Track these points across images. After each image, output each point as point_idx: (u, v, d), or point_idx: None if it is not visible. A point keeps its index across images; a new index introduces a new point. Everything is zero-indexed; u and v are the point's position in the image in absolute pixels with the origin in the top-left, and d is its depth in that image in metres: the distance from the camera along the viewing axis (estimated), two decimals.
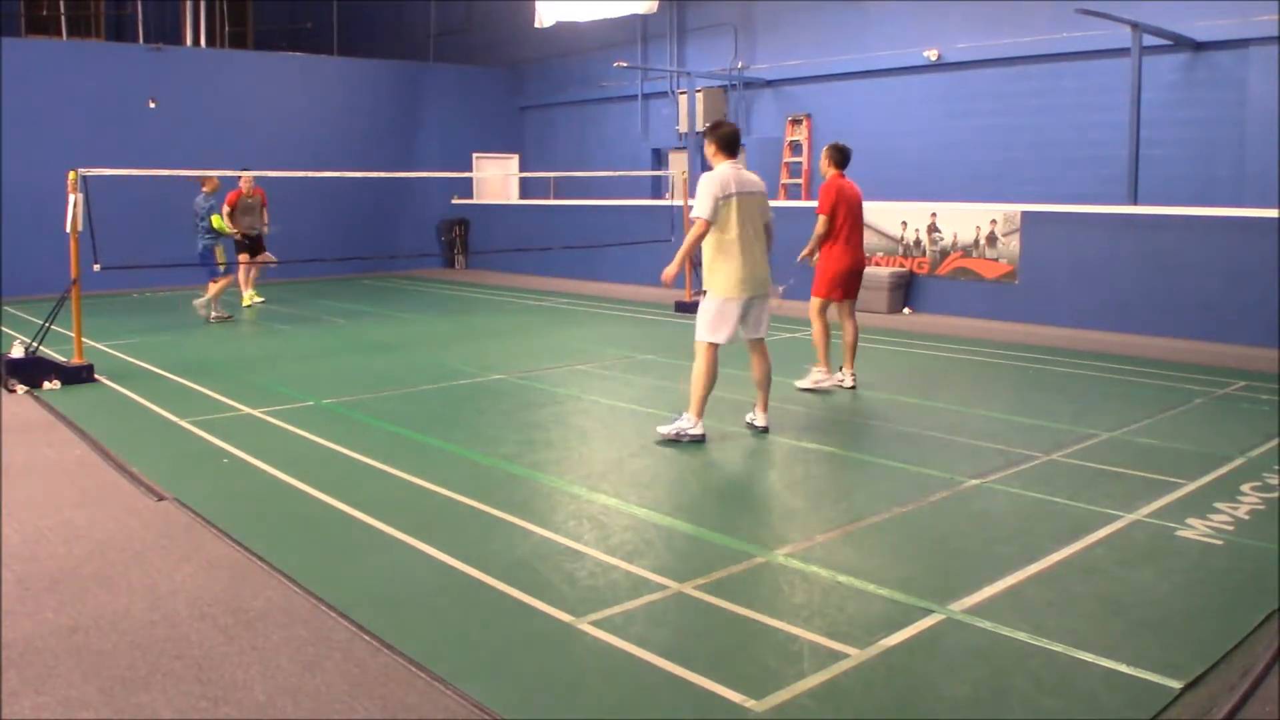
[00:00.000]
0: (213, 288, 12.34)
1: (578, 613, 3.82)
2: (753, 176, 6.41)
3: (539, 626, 3.74)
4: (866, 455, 6.14)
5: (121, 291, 15.49)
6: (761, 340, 6.59)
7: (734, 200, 6.14)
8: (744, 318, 6.34)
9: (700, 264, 6.47)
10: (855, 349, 8.14)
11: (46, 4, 20.15)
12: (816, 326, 8.01)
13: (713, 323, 6.26)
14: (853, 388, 8.07)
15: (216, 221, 12.06)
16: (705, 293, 6.39)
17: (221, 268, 12.48)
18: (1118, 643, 3.57)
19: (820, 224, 7.81)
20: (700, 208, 6.13)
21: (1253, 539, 4.65)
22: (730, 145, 6.28)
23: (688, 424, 6.36)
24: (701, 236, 6.16)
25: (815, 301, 8.02)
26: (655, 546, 4.60)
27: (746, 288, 6.23)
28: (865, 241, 13.57)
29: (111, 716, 3.10)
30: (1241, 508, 5.08)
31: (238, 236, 12.45)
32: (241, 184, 12.71)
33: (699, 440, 6.37)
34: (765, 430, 6.63)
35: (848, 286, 8.03)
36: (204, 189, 12.10)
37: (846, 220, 7.79)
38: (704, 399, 6.34)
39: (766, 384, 6.65)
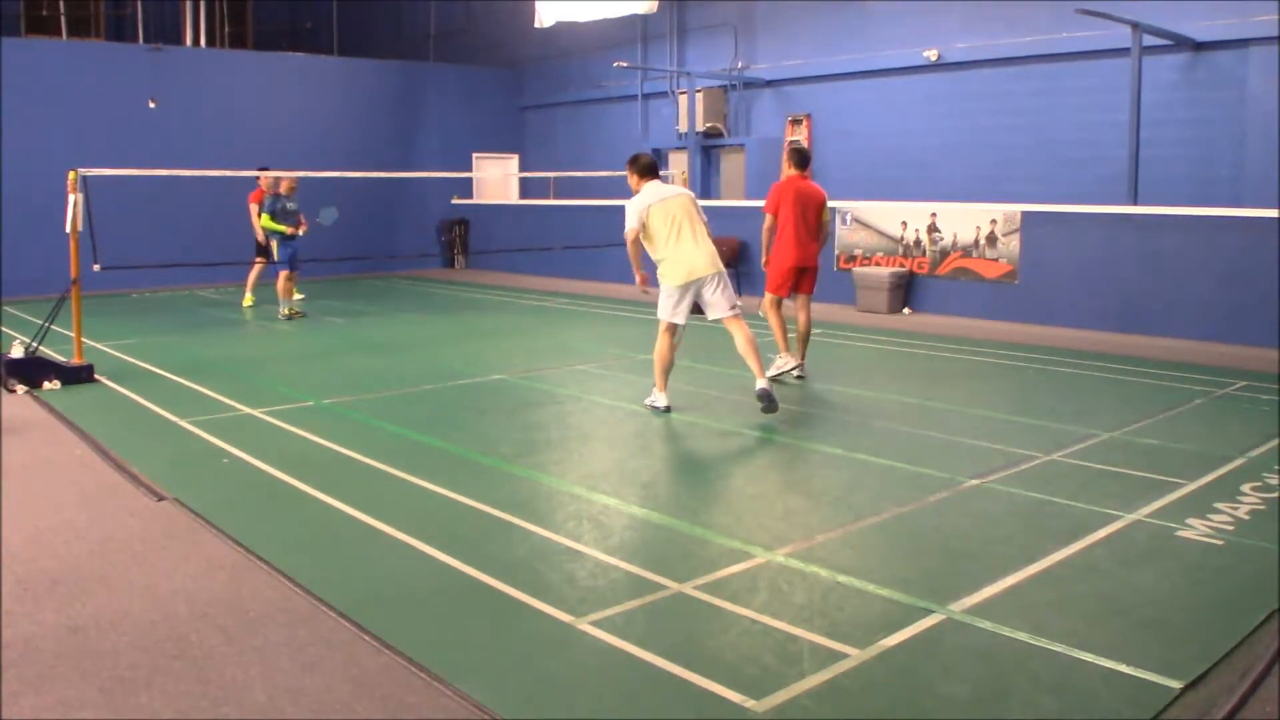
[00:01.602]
0: (277, 286, 12.71)
1: (578, 613, 3.82)
2: (675, 187, 7.37)
3: (539, 626, 3.74)
4: (866, 455, 6.14)
5: (121, 291, 15.49)
6: (733, 317, 7.06)
7: (651, 209, 7.01)
8: (700, 300, 7.08)
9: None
10: (807, 341, 8.58)
11: (46, 4, 20.14)
12: (771, 320, 8.45)
13: (664, 308, 7.13)
14: (800, 378, 8.46)
15: (265, 221, 12.48)
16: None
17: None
18: (1118, 643, 3.57)
19: (767, 221, 8.34)
20: (628, 223, 7.06)
21: (1253, 539, 4.64)
22: (647, 170, 7.23)
23: (653, 398, 7.34)
24: (634, 244, 7.10)
25: (767, 297, 8.46)
26: (656, 546, 4.60)
27: (685, 275, 6.96)
28: (866, 241, 13.61)
29: (111, 716, 3.10)
30: (1241, 508, 5.08)
31: (289, 233, 12.58)
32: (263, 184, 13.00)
33: (664, 412, 7.19)
34: (767, 393, 6.82)
35: (796, 282, 8.42)
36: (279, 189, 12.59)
37: (791, 219, 8.19)
38: (663, 374, 7.26)
39: (752, 350, 6.99)
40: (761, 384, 6.90)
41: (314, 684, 3.29)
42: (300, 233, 12.64)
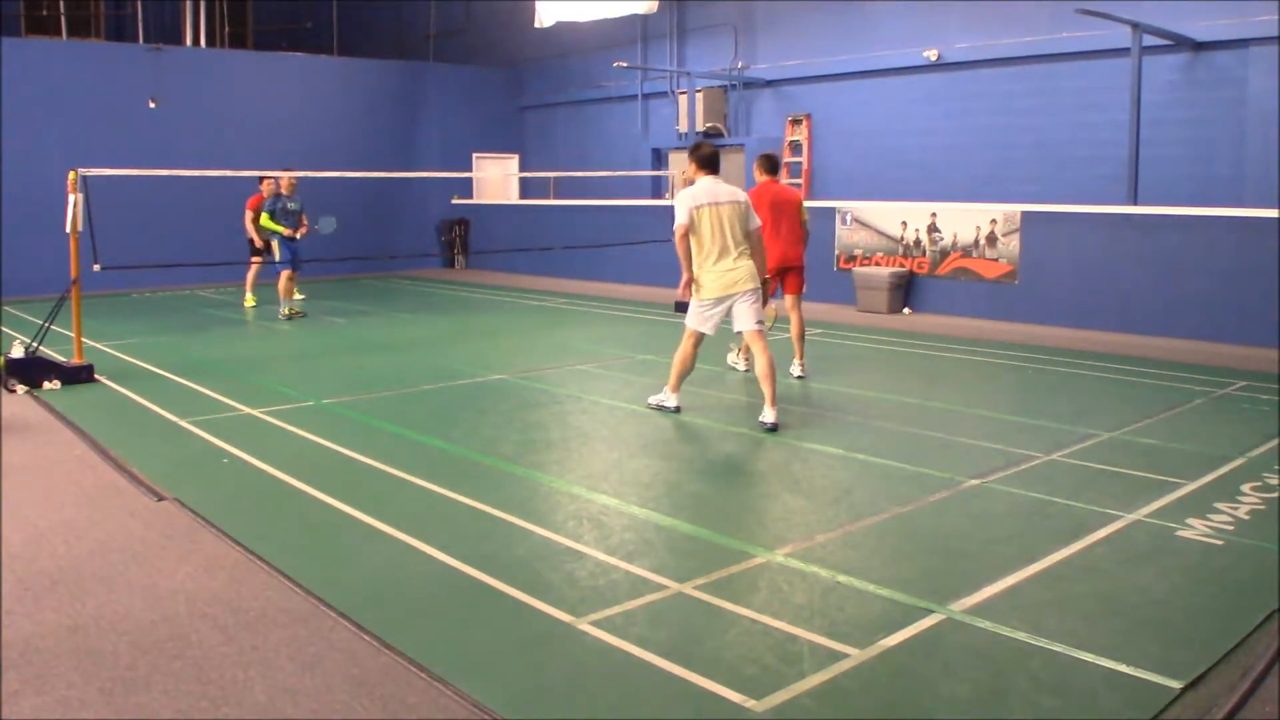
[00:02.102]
0: (278, 286, 12.76)
1: (578, 613, 3.82)
2: (730, 188, 6.92)
3: (539, 626, 3.74)
4: (866, 455, 6.14)
5: (121, 291, 15.50)
6: (756, 332, 6.89)
7: (705, 210, 6.71)
8: (730, 313, 6.90)
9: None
10: (802, 340, 8.67)
11: (46, 4, 20.15)
12: None
13: (694, 317, 6.97)
14: (800, 377, 8.53)
15: (265, 220, 12.51)
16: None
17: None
18: (1118, 643, 3.57)
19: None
20: (678, 217, 6.77)
21: (1253, 539, 4.65)
22: (708, 163, 6.88)
23: (663, 397, 7.30)
24: (683, 240, 6.78)
25: None
26: (655, 546, 4.60)
27: (722, 289, 6.77)
28: (865, 241, 13.68)
29: (111, 716, 3.10)
30: (1241, 508, 5.08)
31: (289, 235, 12.55)
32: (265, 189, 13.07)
33: (674, 412, 7.19)
34: (774, 428, 6.71)
35: (782, 282, 8.56)
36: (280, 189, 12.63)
37: (770, 222, 8.30)
38: (679, 377, 7.20)
39: (770, 378, 6.79)
40: (770, 416, 6.71)
41: (314, 684, 3.29)
42: (300, 235, 12.61)
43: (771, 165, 8.52)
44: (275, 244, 12.63)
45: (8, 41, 15.68)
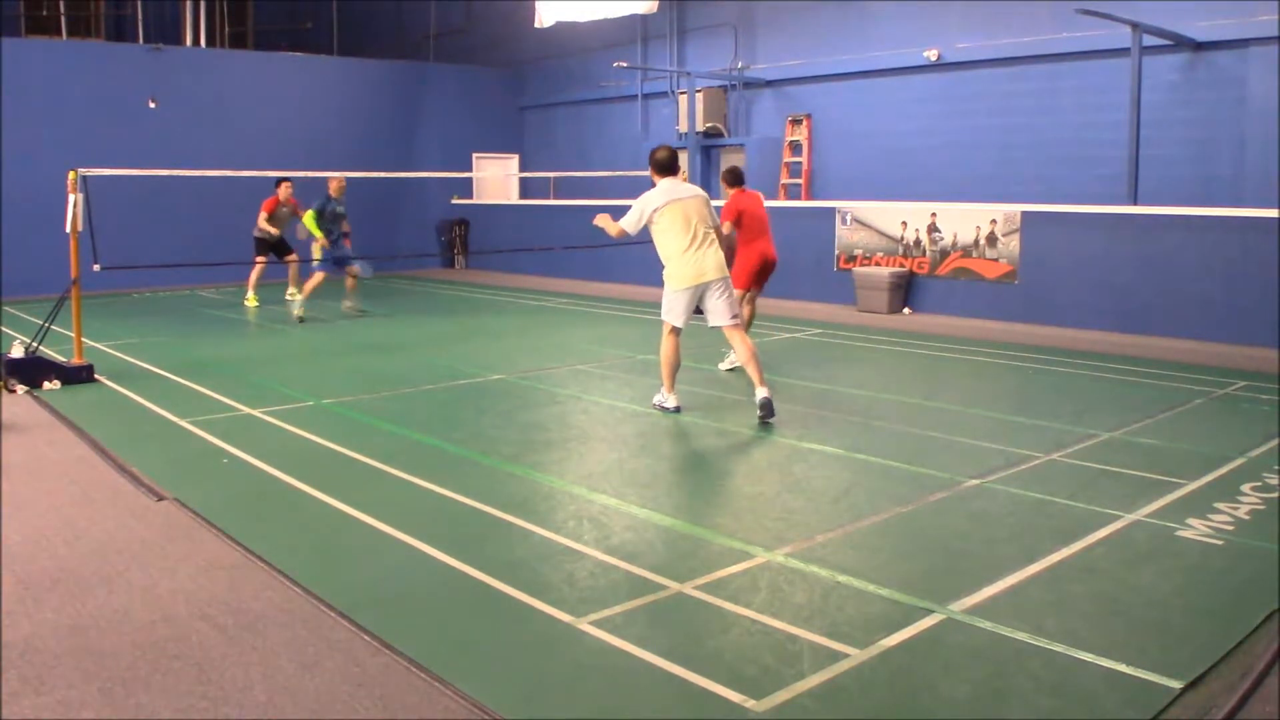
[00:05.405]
0: (306, 284, 12.67)
1: (578, 613, 3.82)
2: (690, 186, 7.28)
3: (539, 626, 3.74)
4: (866, 455, 6.14)
5: (121, 291, 15.49)
6: (733, 326, 7.11)
7: (668, 209, 6.96)
8: (702, 306, 7.07)
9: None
10: (748, 326, 8.87)
11: (46, 4, 20.15)
12: (742, 315, 8.72)
13: (668, 307, 7.09)
14: (730, 369, 8.77)
15: (308, 219, 12.36)
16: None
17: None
18: (1118, 643, 3.57)
19: (726, 228, 8.71)
20: (628, 222, 7.03)
21: (1253, 539, 4.65)
22: (666, 167, 7.13)
23: (662, 399, 7.34)
24: (619, 233, 7.10)
25: (737, 293, 8.74)
26: (655, 546, 4.60)
27: (693, 279, 6.96)
28: (866, 241, 13.73)
29: (111, 716, 3.10)
30: (1241, 508, 5.08)
31: (321, 243, 12.46)
32: (280, 192, 13.16)
33: (674, 412, 7.21)
34: (769, 404, 6.87)
35: (761, 278, 8.97)
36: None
37: (756, 224, 8.80)
38: (670, 375, 7.23)
39: (753, 361, 7.04)
40: (763, 393, 6.92)
41: (314, 684, 3.29)
42: (345, 243, 12.48)
43: (736, 177, 8.95)
44: (316, 245, 12.54)
45: (8, 41, 15.69)
